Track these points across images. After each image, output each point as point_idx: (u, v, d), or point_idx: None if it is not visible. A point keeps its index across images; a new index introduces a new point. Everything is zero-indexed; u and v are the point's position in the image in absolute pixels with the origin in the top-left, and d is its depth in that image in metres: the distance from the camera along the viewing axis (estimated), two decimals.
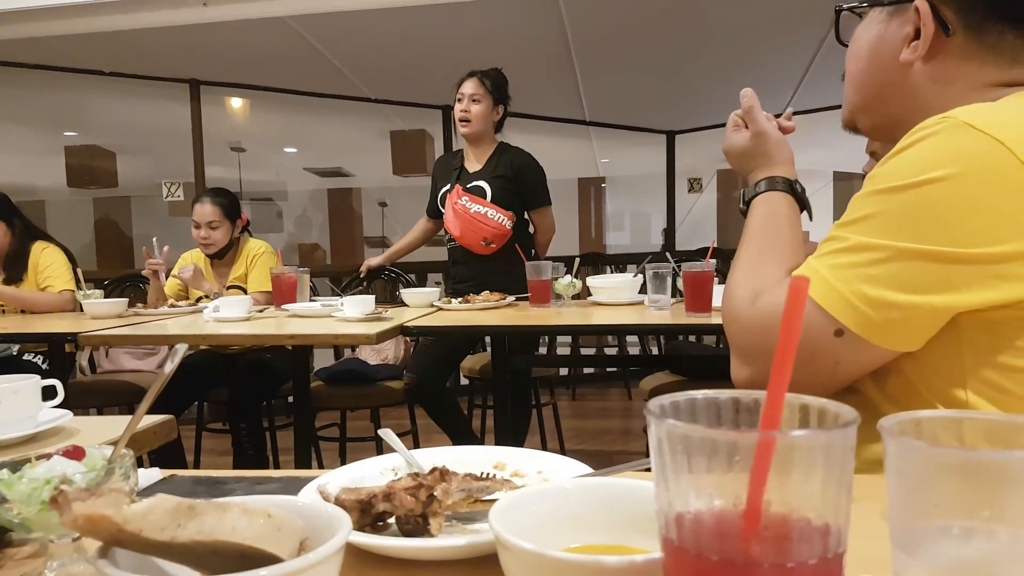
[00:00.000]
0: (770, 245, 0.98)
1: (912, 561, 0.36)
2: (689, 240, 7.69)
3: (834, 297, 0.78)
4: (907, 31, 0.89)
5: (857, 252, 0.77)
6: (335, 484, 0.70)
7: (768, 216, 1.02)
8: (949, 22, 0.85)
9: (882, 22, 0.92)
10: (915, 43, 0.88)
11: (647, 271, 2.40)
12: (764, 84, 5.82)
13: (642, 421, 4.61)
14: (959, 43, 0.86)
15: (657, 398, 0.40)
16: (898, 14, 0.90)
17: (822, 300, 0.78)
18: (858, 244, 0.78)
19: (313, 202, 9.11)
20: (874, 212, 0.78)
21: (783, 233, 0.99)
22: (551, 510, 0.57)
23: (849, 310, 0.77)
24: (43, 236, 3.38)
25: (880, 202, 0.78)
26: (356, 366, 3.23)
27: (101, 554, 0.45)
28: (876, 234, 0.76)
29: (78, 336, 2.22)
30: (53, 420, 1.07)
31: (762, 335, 0.87)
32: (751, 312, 0.88)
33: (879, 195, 0.78)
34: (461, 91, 3.14)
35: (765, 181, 1.05)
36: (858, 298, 0.77)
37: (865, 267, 0.77)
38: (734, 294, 0.93)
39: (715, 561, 0.35)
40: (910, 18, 0.88)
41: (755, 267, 0.95)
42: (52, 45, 4.63)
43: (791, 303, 0.34)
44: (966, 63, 0.86)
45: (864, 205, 0.79)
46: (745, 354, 0.90)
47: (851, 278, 0.77)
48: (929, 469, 0.36)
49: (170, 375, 0.63)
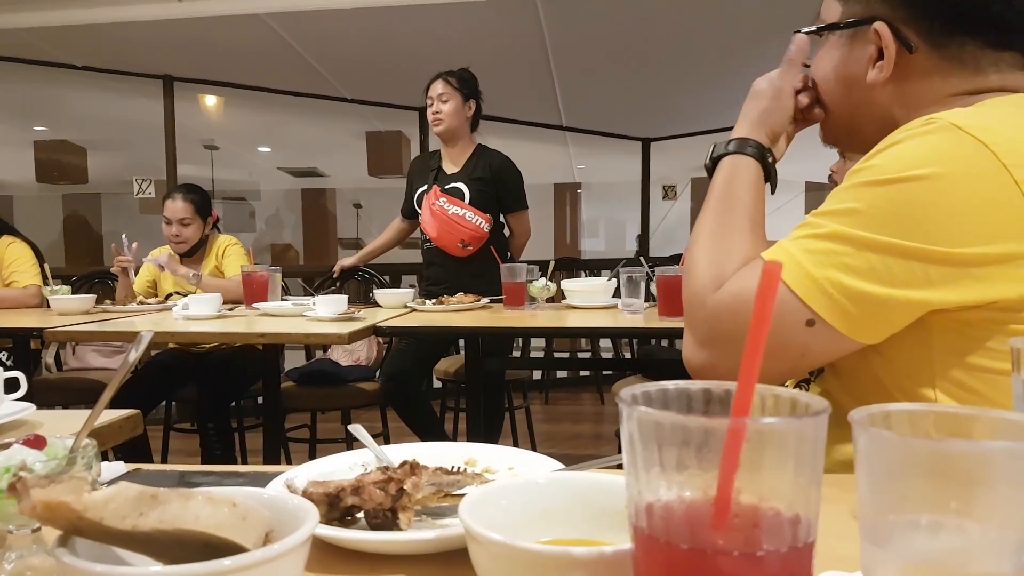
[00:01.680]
0: (733, 216, 0.93)
1: (881, 554, 0.37)
2: (663, 247, 7.74)
3: (809, 284, 0.77)
4: (870, 52, 0.89)
5: (835, 240, 0.77)
6: (303, 478, 0.69)
7: (732, 180, 0.96)
8: (910, 40, 0.86)
9: (843, 45, 0.92)
10: (880, 63, 0.88)
11: (621, 275, 2.41)
12: (740, 95, 5.87)
13: (614, 425, 4.62)
14: (922, 59, 0.87)
15: (628, 387, 0.39)
16: (859, 36, 0.90)
17: (796, 287, 0.77)
18: (837, 232, 0.77)
19: (286, 202, 9.02)
20: (856, 204, 0.77)
21: (746, 202, 0.94)
22: (522, 504, 0.56)
23: (824, 298, 0.76)
24: (10, 231, 3.31)
25: (862, 195, 0.77)
26: (328, 367, 3.20)
27: (60, 543, 0.44)
28: (857, 226, 0.76)
29: (44, 332, 2.18)
30: (15, 413, 1.05)
31: (727, 322, 0.85)
32: (717, 298, 0.86)
33: (861, 188, 0.78)
34: (430, 95, 3.15)
35: (736, 141, 0.99)
36: (834, 287, 0.76)
37: (843, 256, 0.76)
38: (697, 276, 0.89)
39: (685, 550, 0.35)
40: (871, 39, 0.88)
41: (718, 243, 0.91)
42: (23, 37, 4.55)
43: (764, 288, 0.34)
44: (931, 78, 0.87)
45: (845, 197, 0.79)
46: (705, 339, 0.88)
47: (828, 265, 0.76)
48: (899, 460, 0.36)
49: (134, 363, 0.62)
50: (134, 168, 6.08)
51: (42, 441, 0.59)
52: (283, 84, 5.53)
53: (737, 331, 0.84)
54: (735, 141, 0.99)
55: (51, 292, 2.84)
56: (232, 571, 0.42)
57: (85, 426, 0.61)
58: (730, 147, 0.99)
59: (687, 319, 0.92)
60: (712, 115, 6.47)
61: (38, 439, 0.59)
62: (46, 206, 7.94)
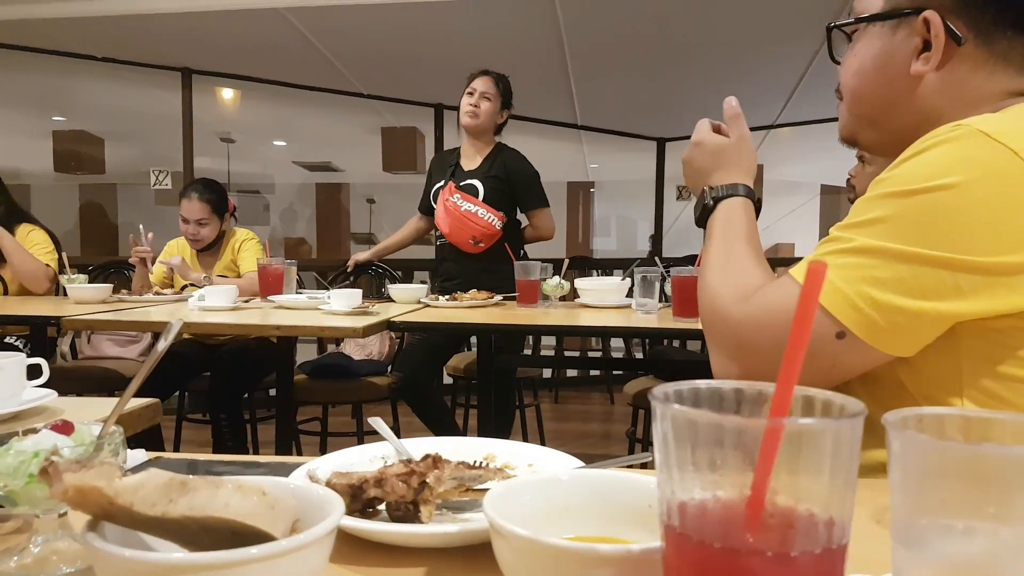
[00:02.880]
0: (744, 248, 0.97)
1: (914, 557, 0.36)
2: (675, 247, 7.72)
3: (838, 299, 0.76)
4: (915, 43, 0.87)
5: (863, 254, 0.76)
6: (324, 469, 0.69)
7: (735, 219, 1.01)
8: (959, 31, 0.84)
9: (885, 36, 0.90)
10: (925, 55, 0.87)
11: (635, 275, 2.40)
12: (756, 95, 5.86)
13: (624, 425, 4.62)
14: (970, 52, 0.85)
15: (661, 386, 0.39)
16: (903, 27, 0.88)
17: (825, 301, 0.77)
18: (864, 246, 0.76)
19: (300, 196, 9.06)
20: (882, 215, 0.76)
21: (752, 239, 0.98)
22: (545, 500, 0.56)
23: (854, 313, 0.76)
24: (29, 219, 3.34)
25: (889, 205, 0.76)
26: (340, 360, 3.21)
27: (89, 527, 0.45)
28: (884, 237, 0.75)
29: (61, 320, 2.20)
30: (38, 399, 1.06)
31: (756, 331, 0.85)
32: (744, 309, 0.87)
33: (888, 198, 0.77)
34: (473, 86, 3.14)
35: (727, 187, 1.04)
36: (864, 301, 0.75)
37: (872, 270, 0.75)
38: (718, 293, 0.92)
39: (718, 549, 0.35)
40: (917, 30, 0.87)
41: (734, 268, 0.94)
42: (44, 28, 4.59)
43: (808, 287, 0.34)
44: (977, 73, 0.86)
45: (872, 208, 0.78)
46: (735, 351, 0.88)
47: (857, 280, 0.76)
48: (934, 464, 0.36)
49: (163, 351, 0.63)
50: (151, 159, 6.11)
51: (70, 427, 0.60)
52: (300, 78, 5.55)
53: (766, 342, 0.84)
54: (726, 186, 1.05)
55: (68, 281, 2.86)
56: (260, 559, 0.42)
57: (113, 412, 0.62)
58: (724, 191, 1.04)
59: (711, 337, 0.93)
60: None
61: (66, 424, 0.59)
62: (63, 196, 8.00)
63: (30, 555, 0.58)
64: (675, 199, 7.46)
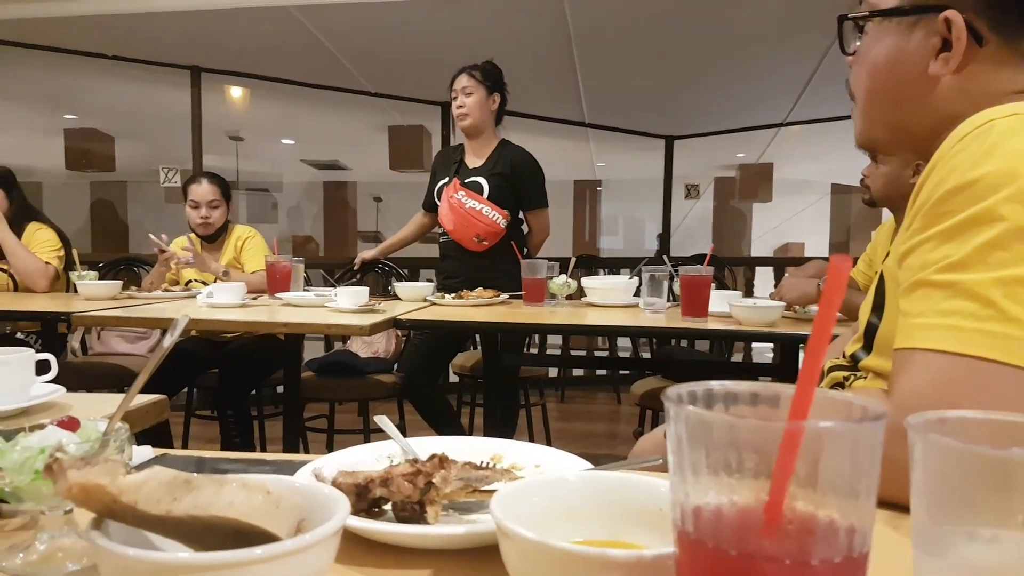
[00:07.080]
0: None
1: (936, 565, 0.35)
2: (683, 246, 7.70)
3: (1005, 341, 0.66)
4: (933, 42, 0.83)
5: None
6: (330, 468, 0.69)
7: None
8: (981, 31, 0.81)
9: (900, 34, 0.86)
10: (944, 55, 0.83)
11: (644, 274, 2.39)
12: (765, 93, 5.84)
13: (630, 425, 4.60)
14: (991, 52, 0.82)
15: (675, 387, 0.38)
16: (921, 25, 0.84)
17: (999, 355, 0.65)
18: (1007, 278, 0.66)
19: (308, 194, 9.08)
20: (998, 231, 0.67)
21: None
22: (552, 502, 0.56)
23: None
24: (39, 217, 3.35)
25: (994, 214, 0.68)
26: (346, 358, 3.21)
27: (94, 525, 0.44)
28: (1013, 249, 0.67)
29: (71, 316, 2.20)
30: (46, 395, 1.06)
31: None
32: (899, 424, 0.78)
33: (990, 210, 0.68)
34: (454, 88, 3.13)
35: None
36: None
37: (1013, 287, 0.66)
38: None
39: (734, 556, 0.34)
40: (936, 29, 0.83)
41: None
42: (55, 26, 4.60)
43: (831, 282, 0.33)
44: (998, 72, 0.83)
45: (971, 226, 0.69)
46: None
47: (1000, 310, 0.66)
48: (958, 469, 0.34)
49: (170, 347, 0.62)
50: (160, 157, 6.12)
51: (76, 423, 0.59)
52: (308, 77, 5.55)
53: None
54: None
55: (79, 277, 2.86)
56: (264, 560, 0.41)
57: (119, 409, 0.61)
58: None
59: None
60: (737, 113, 6.42)
61: (72, 421, 0.59)
62: (74, 193, 8.04)
63: (36, 552, 0.57)
64: (683, 198, 7.44)
